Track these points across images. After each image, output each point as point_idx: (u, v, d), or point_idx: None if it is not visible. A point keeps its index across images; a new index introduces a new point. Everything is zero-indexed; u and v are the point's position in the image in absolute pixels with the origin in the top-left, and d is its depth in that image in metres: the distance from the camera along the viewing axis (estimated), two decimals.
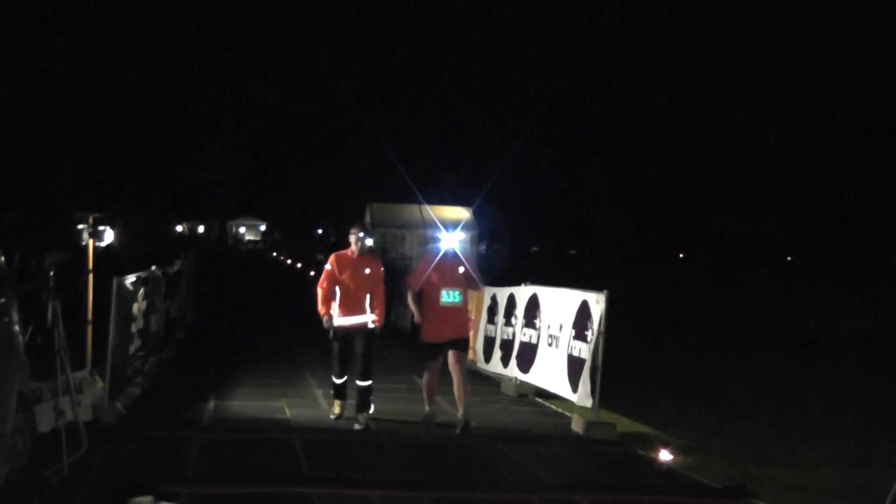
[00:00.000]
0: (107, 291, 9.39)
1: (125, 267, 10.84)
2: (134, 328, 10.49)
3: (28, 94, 41.70)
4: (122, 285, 9.55)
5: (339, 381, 10.02)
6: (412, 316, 10.13)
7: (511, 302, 12.64)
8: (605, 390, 9.68)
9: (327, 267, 9.90)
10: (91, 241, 9.44)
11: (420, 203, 32.69)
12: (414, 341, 17.70)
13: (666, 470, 8.45)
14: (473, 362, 13.86)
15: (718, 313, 26.18)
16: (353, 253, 9.87)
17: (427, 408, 9.87)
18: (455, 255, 9.79)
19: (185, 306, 16.85)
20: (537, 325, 11.53)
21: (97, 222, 9.39)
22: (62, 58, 46.88)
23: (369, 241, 9.92)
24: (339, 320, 9.78)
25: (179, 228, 75.74)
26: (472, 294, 10.73)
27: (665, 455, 8.71)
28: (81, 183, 40.65)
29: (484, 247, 37.61)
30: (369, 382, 9.77)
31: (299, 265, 45.47)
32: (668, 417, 10.95)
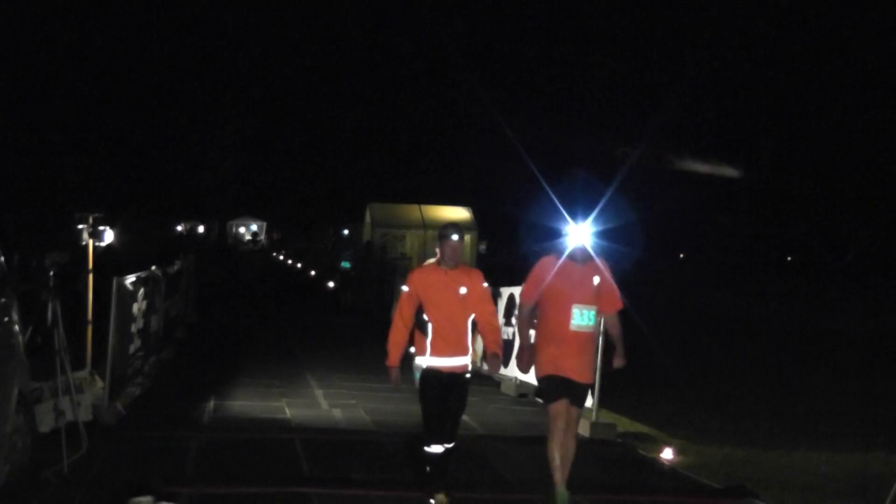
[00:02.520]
0: (107, 291, 9.39)
1: (125, 267, 10.84)
2: (134, 328, 10.49)
3: (28, 95, 41.73)
4: (122, 285, 9.55)
5: (436, 451, 6.77)
6: (518, 347, 7.29)
7: (511, 302, 12.63)
8: (605, 390, 9.68)
9: (404, 290, 6.88)
10: (91, 241, 9.44)
11: (419, 203, 32.70)
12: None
13: (666, 470, 8.45)
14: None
15: (732, 314, 26.17)
16: (442, 265, 6.81)
17: (556, 478, 6.84)
18: (588, 255, 6.89)
19: (185, 306, 16.85)
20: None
21: (97, 222, 9.39)
22: (63, 58, 46.90)
23: (456, 236, 6.73)
24: (432, 361, 6.82)
25: (179, 228, 75.75)
26: (608, 318, 7.16)
27: (665, 455, 8.72)
28: (81, 183, 40.65)
29: (484, 247, 37.52)
30: (453, 445, 6.86)
31: (299, 265, 45.49)
32: (668, 417, 10.95)
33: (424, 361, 6.88)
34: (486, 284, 6.95)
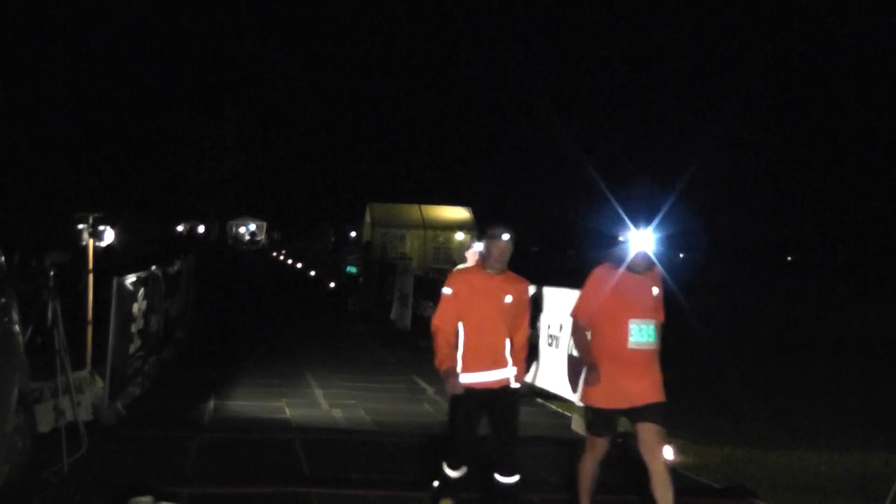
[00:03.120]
0: (107, 291, 9.39)
1: (125, 267, 10.84)
2: (134, 328, 10.49)
3: (28, 94, 41.71)
4: (122, 285, 9.55)
5: (455, 473, 6.29)
6: (575, 364, 6.81)
7: None
8: None
9: (446, 292, 6.21)
10: (91, 241, 9.44)
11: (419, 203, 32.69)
12: (415, 344, 17.89)
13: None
14: None
15: (735, 314, 26.21)
16: (487, 269, 6.15)
17: (582, 499, 6.40)
18: (651, 263, 6.23)
19: (185, 306, 16.85)
20: (537, 326, 11.52)
21: (97, 222, 9.39)
22: (63, 58, 46.90)
23: (506, 237, 6.04)
24: (464, 377, 6.10)
25: (179, 228, 75.74)
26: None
27: (665, 455, 8.70)
28: (81, 183, 40.65)
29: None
30: (517, 479, 6.20)
31: (299, 265, 45.50)
32: (668, 418, 10.93)
33: (456, 370, 6.14)
34: (529, 294, 6.31)
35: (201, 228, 77.33)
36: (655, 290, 6.19)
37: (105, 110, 51.24)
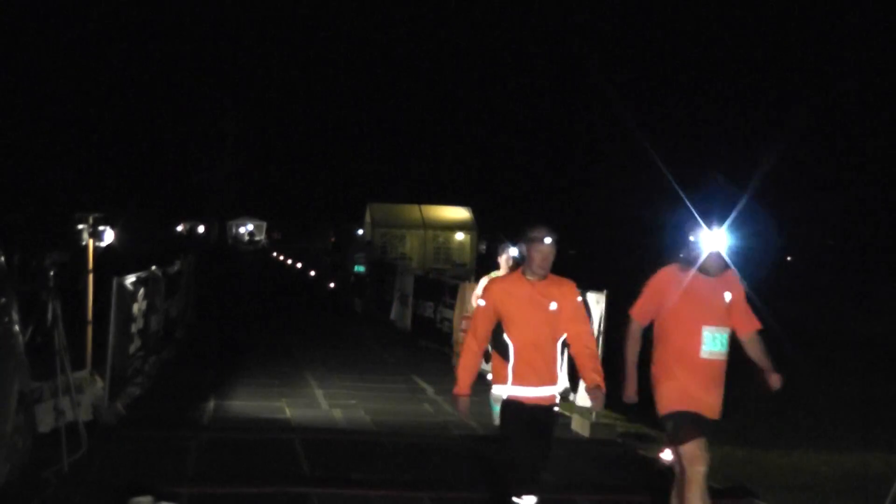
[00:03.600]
0: (107, 291, 9.39)
1: (125, 267, 10.84)
2: (134, 328, 10.50)
3: (28, 94, 41.73)
4: (122, 285, 9.55)
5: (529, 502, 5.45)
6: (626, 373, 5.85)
7: None
8: (606, 391, 9.66)
9: (479, 304, 5.71)
10: (91, 241, 9.45)
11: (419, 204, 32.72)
12: (415, 344, 17.92)
13: (666, 470, 8.45)
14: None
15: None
16: (527, 275, 5.60)
17: None
18: (724, 265, 5.74)
19: (185, 306, 16.85)
20: None
21: (97, 222, 9.39)
22: (62, 57, 46.91)
23: (549, 240, 5.55)
24: (514, 391, 5.58)
25: (179, 228, 75.73)
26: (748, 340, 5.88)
27: (665, 455, 8.71)
28: (81, 183, 40.66)
29: (484, 247, 37.51)
30: (534, 501, 5.48)
31: (299, 265, 45.50)
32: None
33: (505, 391, 5.61)
34: (580, 298, 5.72)
35: (201, 228, 77.33)
36: (729, 295, 5.71)
37: (105, 110, 51.25)
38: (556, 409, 5.70)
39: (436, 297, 16.96)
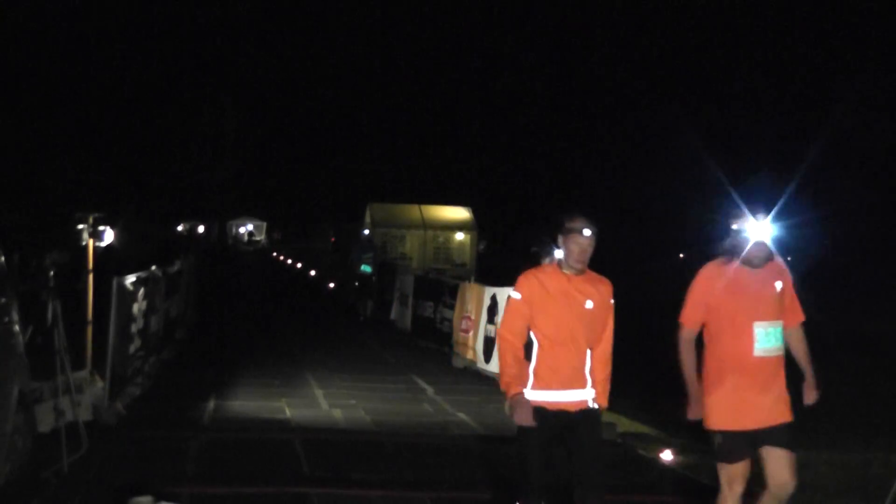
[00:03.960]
0: (107, 291, 9.40)
1: (125, 267, 10.84)
2: (134, 328, 10.50)
3: (28, 94, 41.74)
4: (122, 285, 9.55)
5: None
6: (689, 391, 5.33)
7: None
8: None
9: (515, 297, 5.24)
10: (91, 241, 9.45)
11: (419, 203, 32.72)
12: (415, 344, 17.93)
13: (666, 470, 8.45)
14: (473, 362, 13.88)
15: None
16: (564, 269, 5.20)
17: None
18: (769, 254, 5.30)
19: (185, 306, 16.86)
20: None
21: (97, 222, 9.40)
22: (62, 57, 46.92)
23: (588, 231, 5.15)
24: (535, 396, 5.12)
25: (179, 228, 75.75)
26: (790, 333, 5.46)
27: (665, 455, 8.71)
28: (81, 183, 40.67)
29: (483, 247, 37.54)
30: None
31: (299, 265, 45.52)
32: (668, 417, 10.94)
33: (526, 395, 5.14)
34: (612, 300, 5.30)
35: (201, 228, 77.36)
36: (779, 285, 5.27)
37: (105, 110, 51.26)
38: (593, 409, 5.18)
39: (436, 297, 16.96)
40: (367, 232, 24.25)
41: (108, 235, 9.48)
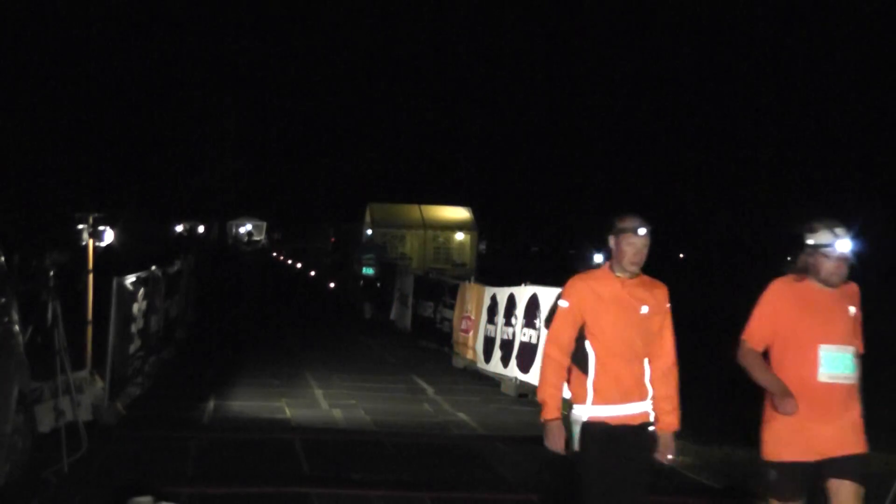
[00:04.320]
0: (107, 291, 9.40)
1: (125, 267, 10.85)
2: (134, 328, 10.50)
3: (28, 94, 41.73)
4: (122, 285, 9.55)
5: None
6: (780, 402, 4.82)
7: (511, 302, 12.64)
8: None
9: (562, 305, 4.84)
10: (91, 241, 9.45)
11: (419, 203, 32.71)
12: (415, 344, 17.95)
13: (666, 470, 8.45)
14: (473, 362, 13.89)
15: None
16: (616, 272, 4.80)
17: None
18: (847, 273, 4.91)
19: (185, 306, 16.86)
20: (537, 325, 11.53)
21: (97, 222, 9.40)
22: (62, 57, 46.93)
23: (643, 231, 4.77)
24: (596, 410, 4.72)
25: (179, 228, 75.72)
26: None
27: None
28: (81, 183, 40.66)
29: (483, 247, 37.51)
30: None
31: (299, 265, 45.53)
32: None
33: (585, 411, 4.71)
34: (668, 304, 4.87)
35: (201, 228, 77.37)
36: (853, 309, 4.90)
37: (105, 110, 51.25)
38: (652, 428, 4.79)
39: (436, 297, 16.97)
40: (370, 233, 23.61)
41: (108, 235, 9.48)
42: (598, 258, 5.02)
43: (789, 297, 4.88)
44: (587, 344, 4.73)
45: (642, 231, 4.73)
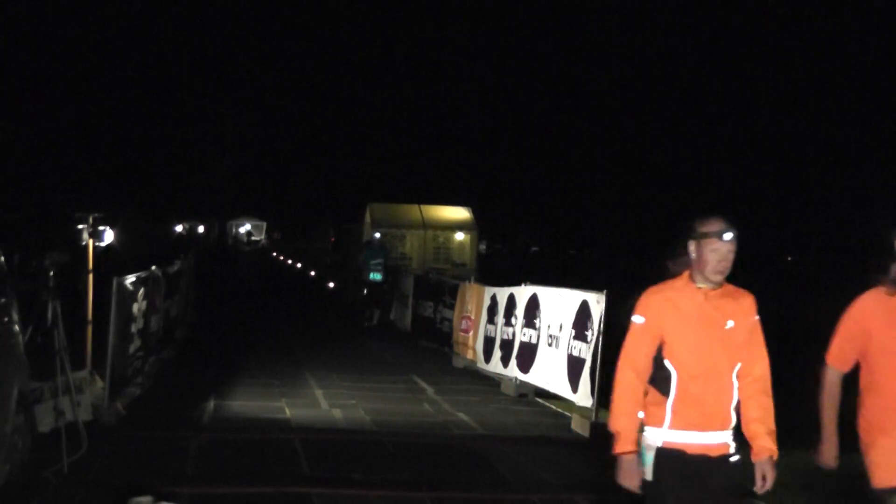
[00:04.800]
0: (107, 291, 9.40)
1: (125, 267, 10.84)
2: (134, 328, 10.50)
3: (28, 94, 41.74)
4: (122, 285, 9.55)
5: None
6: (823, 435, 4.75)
7: (511, 302, 12.65)
8: (605, 390, 9.66)
9: (637, 321, 4.32)
10: (91, 241, 9.45)
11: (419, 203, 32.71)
12: (415, 344, 17.93)
13: None
14: (473, 362, 13.89)
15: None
16: (698, 282, 4.27)
17: None
18: None
19: (185, 306, 16.86)
20: (537, 325, 11.53)
21: (97, 222, 9.40)
22: (62, 57, 46.94)
23: (730, 235, 4.21)
24: (672, 436, 4.25)
25: (179, 228, 75.76)
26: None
27: None
28: (81, 183, 40.67)
29: (483, 247, 37.50)
30: None
31: (299, 265, 45.56)
32: None
33: (659, 436, 4.25)
34: (757, 316, 4.33)
35: (201, 228, 77.41)
36: None
37: (105, 110, 51.25)
38: (734, 459, 4.40)
39: (436, 297, 16.97)
40: (378, 235, 22.51)
41: (108, 235, 9.48)
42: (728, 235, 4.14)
43: (881, 312, 4.48)
44: (668, 363, 4.23)
45: (728, 236, 4.19)
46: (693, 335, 4.21)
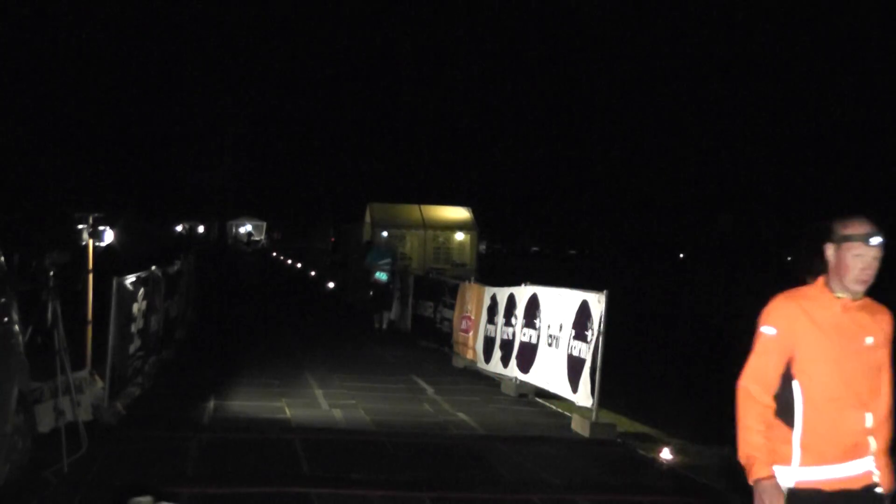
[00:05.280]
0: (107, 291, 9.40)
1: (125, 267, 10.84)
2: (134, 328, 10.50)
3: (28, 94, 41.73)
4: (122, 285, 9.55)
5: None
6: None
7: (511, 302, 12.64)
8: (605, 390, 9.68)
9: (766, 332, 3.81)
10: (91, 241, 9.45)
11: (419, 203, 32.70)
12: (414, 344, 17.92)
13: (666, 470, 8.45)
14: (473, 362, 13.89)
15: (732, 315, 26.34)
16: (837, 292, 3.80)
17: None
18: None
19: (185, 306, 16.85)
20: (537, 325, 11.53)
21: (97, 222, 9.40)
22: (62, 57, 46.93)
23: (877, 240, 3.72)
24: (805, 474, 3.76)
25: (179, 228, 75.78)
26: None
27: (665, 455, 8.72)
28: (81, 183, 40.67)
29: (483, 247, 37.48)
30: None
31: (299, 265, 45.56)
32: (668, 417, 10.95)
33: (790, 475, 3.78)
34: (892, 329, 3.88)
35: (201, 228, 77.42)
36: None
37: (105, 110, 51.28)
38: (880, 490, 3.73)
39: (436, 297, 16.97)
40: (385, 234, 21.98)
41: (108, 235, 9.48)
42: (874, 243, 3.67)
43: None
44: (794, 384, 3.74)
45: (875, 240, 3.70)
46: (829, 351, 3.71)
